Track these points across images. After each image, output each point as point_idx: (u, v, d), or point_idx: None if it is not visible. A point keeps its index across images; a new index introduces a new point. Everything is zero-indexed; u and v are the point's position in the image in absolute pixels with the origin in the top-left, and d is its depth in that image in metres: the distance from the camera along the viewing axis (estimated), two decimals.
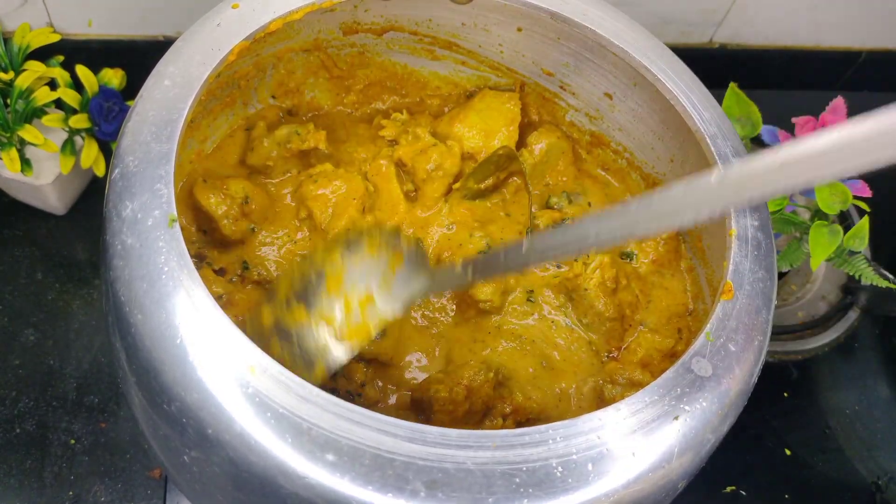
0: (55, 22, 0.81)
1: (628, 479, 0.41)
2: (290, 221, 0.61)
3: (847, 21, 0.97)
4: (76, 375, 0.73)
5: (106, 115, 0.74)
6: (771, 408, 0.78)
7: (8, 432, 0.70)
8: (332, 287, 0.48)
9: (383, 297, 0.48)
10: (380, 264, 0.49)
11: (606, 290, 0.60)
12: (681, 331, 0.60)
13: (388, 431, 0.39)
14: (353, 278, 0.48)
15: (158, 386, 0.41)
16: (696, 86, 0.59)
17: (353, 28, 0.64)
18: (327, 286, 0.48)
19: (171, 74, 0.50)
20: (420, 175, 0.64)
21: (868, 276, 0.70)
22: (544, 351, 0.60)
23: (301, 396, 0.40)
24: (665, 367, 0.49)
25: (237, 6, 0.54)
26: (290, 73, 0.65)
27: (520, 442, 0.40)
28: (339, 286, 0.49)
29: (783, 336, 0.82)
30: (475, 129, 0.66)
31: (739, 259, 0.51)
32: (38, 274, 0.79)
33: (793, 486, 0.75)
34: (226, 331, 0.41)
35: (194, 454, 0.42)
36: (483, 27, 0.64)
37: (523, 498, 0.39)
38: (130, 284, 0.43)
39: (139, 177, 0.46)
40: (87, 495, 0.67)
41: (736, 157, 0.55)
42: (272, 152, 0.62)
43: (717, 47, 0.95)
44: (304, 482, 0.38)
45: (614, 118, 0.65)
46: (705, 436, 0.44)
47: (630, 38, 0.59)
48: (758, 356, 0.48)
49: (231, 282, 0.58)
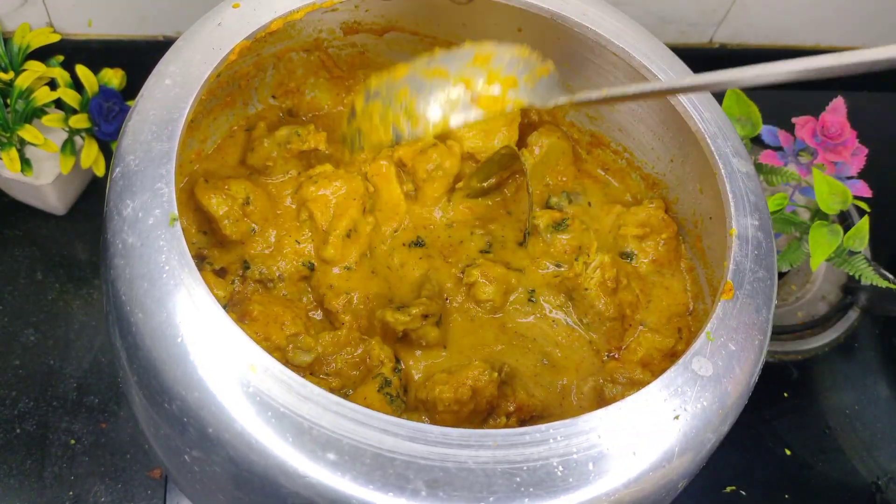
0: (55, 22, 0.81)
1: (629, 478, 0.41)
2: (290, 222, 0.61)
3: (847, 21, 0.97)
4: (76, 375, 0.73)
5: (106, 115, 0.74)
6: (771, 408, 0.79)
7: (8, 432, 0.70)
8: (479, 59, 0.50)
9: (526, 87, 0.50)
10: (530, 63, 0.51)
11: (607, 289, 0.60)
12: (681, 330, 0.61)
13: (389, 431, 0.39)
14: (503, 61, 0.50)
15: (159, 385, 0.41)
16: None
17: (354, 28, 0.64)
18: (475, 57, 0.50)
19: (172, 74, 0.50)
20: (420, 175, 0.64)
21: (868, 276, 0.70)
22: (545, 349, 0.60)
23: (302, 395, 0.40)
24: (665, 366, 0.49)
25: (238, 6, 0.54)
26: (290, 72, 0.65)
27: (521, 441, 0.40)
28: (487, 62, 0.50)
29: (783, 336, 0.82)
30: (475, 129, 0.66)
31: (740, 259, 0.51)
32: (38, 274, 0.79)
33: (793, 486, 0.75)
34: (227, 330, 0.41)
35: (195, 453, 0.42)
36: (483, 27, 0.64)
37: (524, 497, 0.39)
38: (131, 283, 0.43)
39: (140, 176, 0.46)
40: (87, 495, 0.67)
41: (736, 157, 0.55)
42: (272, 153, 0.62)
43: (717, 47, 0.96)
44: (304, 481, 0.38)
45: (614, 118, 0.66)
46: (705, 436, 0.44)
47: (630, 38, 0.59)
48: (758, 356, 0.48)
49: (232, 283, 0.58)
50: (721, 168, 0.55)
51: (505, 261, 0.63)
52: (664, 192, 0.65)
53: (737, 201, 0.53)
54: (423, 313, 0.58)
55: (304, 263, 0.60)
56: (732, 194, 0.54)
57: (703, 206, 0.60)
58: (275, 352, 0.54)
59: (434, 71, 0.50)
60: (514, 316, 0.61)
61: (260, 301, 0.56)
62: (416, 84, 0.50)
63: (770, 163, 0.71)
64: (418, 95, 0.50)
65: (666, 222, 0.63)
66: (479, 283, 0.61)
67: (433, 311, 0.58)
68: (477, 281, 0.61)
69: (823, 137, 0.69)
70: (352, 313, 0.59)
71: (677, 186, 0.63)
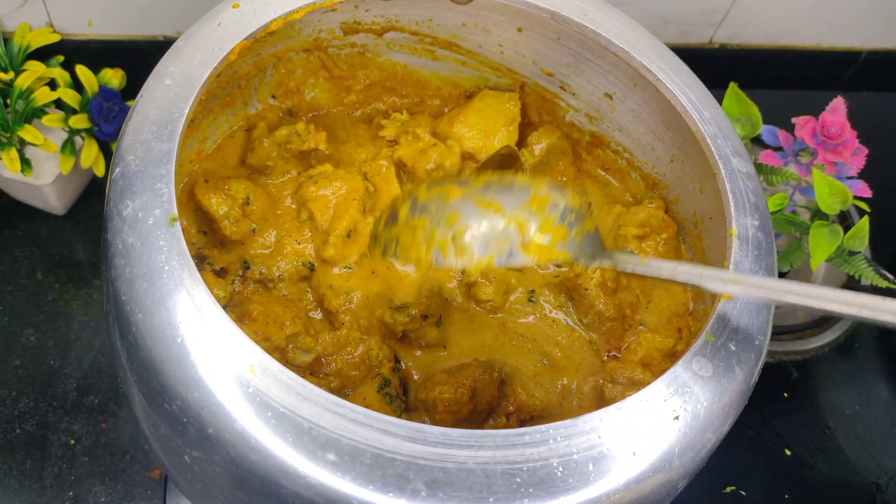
0: (55, 22, 0.81)
1: (629, 478, 0.41)
2: (290, 222, 0.61)
3: (847, 21, 0.97)
4: (76, 375, 0.73)
5: (106, 115, 0.74)
6: (771, 408, 0.78)
7: (8, 433, 0.70)
8: (536, 202, 0.50)
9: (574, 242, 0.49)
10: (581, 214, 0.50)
11: (607, 289, 0.60)
12: (681, 330, 0.61)
13: (389, 431, 0.39)
14: (558, 209, 0.49)
15: (159, 385, 0.41)
16: (696, 86, 0.59)
17: (354, 28, 0.64)
18: (532, 199, 0.50)
19: (172, 74, 0.50)
20: (420, 175, 0.64)
21: (868, 276, 0.70)
22: (545, 349, 0.60)
23: (302, 396, 0.40)
24: (665, 366, 0.49)
25: (238, 6, 0.54)
26: (290, 72, 0.65)
27: (521, 441, 0.40)
28: (543, 207, 0.49)
29: (783, 336, 0.82)
30: (475, 129, 0.66)
31: (740, 259, 0.51)
32: (38, 274, 0.79)
33: (793, 486, 0.75)
34: (227, 330, 0.41)
35: (195, 454, 0.42)
36: (483, 27, 0.64)
37: (524, 498, 0.39)
38: (131, 283, 0.43)
39: (140, 176, 0.46)
40: (87, 496, 0.67)
41: (736, 157, 0.55)
42: (272, 153, 0.62)
43: (717, 47, 0.96)
44: (304, 482, 0.38)
45: (614, 118, 0.66)
46: (705, 436, 0.44)
47: (630, 38, 0.59)
48: (758, 356, 0.48)
49: (232, 283, 0.58)
50: (721, 168, 0.55)
51: None
52: (664, 192, 0.65)
53: (737, 201, 0.53)
54: (422, 313, 0.58)
55: (304, 263, 0.60)
56: (732, 194, 0.54)
57: (703, 206, 0.60)
58: (274, 352, 0.54)
59: (489, 203, 0.49)
60: (514, 316, 0.61)
61: (259, 301, 0.56)
62: (468, 211, 0.49)
63: (770, 163, 0.71)
64: (469, 225, 0.48)
65: (666, 222, 0.63)
66: (480, 283, 0.61)
67: (432, 312, 0.58)
68: (477, 281, 0.61)
69: (823, 137, 0.69)
70: (352, 313, 0.59)
71: (677, 186, 0.63)
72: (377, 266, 0.62)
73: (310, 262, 0.60)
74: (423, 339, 0.58)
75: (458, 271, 0.62)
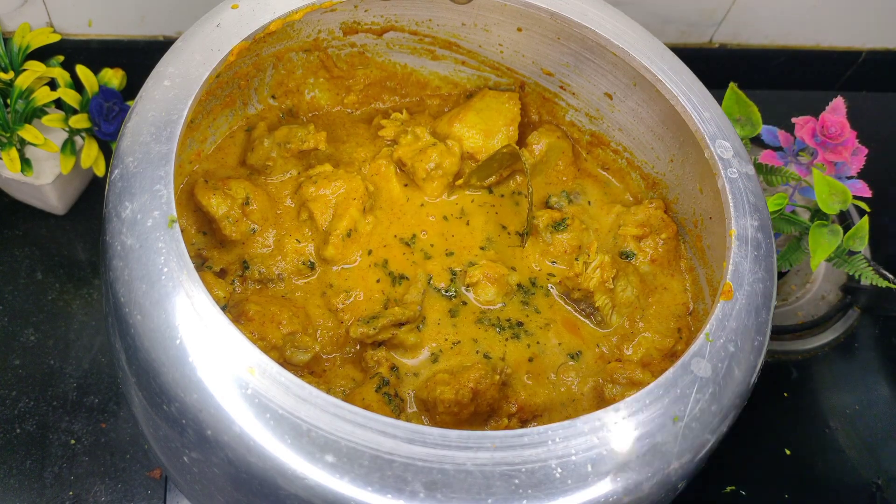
0: (55, 22, 0.81)
1: (627, 479, 0.41)
2: (290, 222, 0.61)
3: (847, 21, 0.97)
4: (76, 375, 0.73)
5: (106, 115, 0.74)
6: (771, 408, 0.78)
7: (8, 432, 0.70)
8: None
9: None
10: None
11: (606, 289, 0.60)
12: (681, 331, 0.61)
13: (388, 433, 0.39)
14: None
15: (158, 386, 0.41)
16: (696, 86, 0.59)
17: (354, 28, 0.64)
18: None
19: (171, 75, 0.50)
20: (420, 174, 0.64)
21: (868, 276, 0.70)
22: (545, 349, 0.60)
23: (300, 398, 0.40)
24: (665, 366, 0.49)
25: (237, 6, 0.54)
26: (289, 73, 0.65)
27: (519, 443, 0.40)
28: None
29: (783, 336, 0.82)
30: (475, 128, 0.66)
31: (739, 259, 0.51)
32: (38, 274, 0.79)
33: (793, 486, 0.75)
34: (225, 331, 0.41)
35: (194, 455, 0.43)
36: (483, 27, 0.64)
37: (522, 499, 0.39)
38: (130, 285, 0.43)
39: (139, 177, 0.46)
40: (87, 495, 0.67)
41: (736, 157, 0.55)
42: (272, 153, 0.62)
43: (717, 47, 0.95)
44: (303, 483, 0.38)
45: (614, 118, 0.65)
46: (705, 436, 0.44)
47: (630, 38, 0.59)
48: (758, 356, 0.48)
49: (232, 283, 0.58)
50: (721, 168, 0.55)
51: (505, 260, 0.63)
52: (664, 191, 0.65)
53: (736, 201, 0.53)
54: (394, 322, 0.57)
55: (304, 263, 0.60)
56: (732, 194, 0.54)
57: (703, 206, 0.60)
58: (272, 351, 0.54)
59: None
60: (514, 316, 0.61)
61: (257, 301, 0.56)
62: None
63: (770, 163, 0.71)
64: None
65: (666, 222, 0.63)
66: (480, 283, 0.61)
67: (410, 318, 0.58)
68: (478, 281, 0.61)
69: (823, 137, 0.69)
70: (351, 312, 0.59)
71: (677, 186, 0.63)
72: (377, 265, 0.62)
73: (310, 262, 0.60)
74: (401, 346, 0.58)
75: (460, 269, 0.62)
